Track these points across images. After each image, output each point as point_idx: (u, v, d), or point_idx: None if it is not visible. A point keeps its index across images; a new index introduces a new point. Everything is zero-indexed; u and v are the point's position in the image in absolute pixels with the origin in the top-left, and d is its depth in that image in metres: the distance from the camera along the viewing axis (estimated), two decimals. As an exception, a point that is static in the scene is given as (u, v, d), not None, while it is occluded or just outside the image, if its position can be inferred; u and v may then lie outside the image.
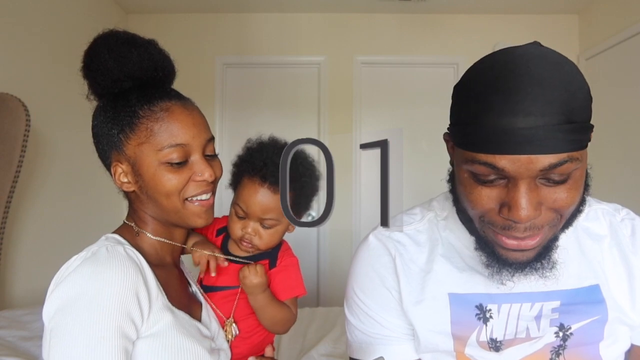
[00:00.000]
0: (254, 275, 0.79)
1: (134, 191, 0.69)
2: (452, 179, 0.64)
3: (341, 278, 3.00)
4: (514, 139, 0.49)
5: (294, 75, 3.05)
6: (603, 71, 2.71)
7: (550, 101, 0.49)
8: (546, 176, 0.51)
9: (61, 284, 0.58)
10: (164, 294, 0.65)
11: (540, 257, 0.58)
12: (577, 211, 0.59)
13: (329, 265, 2.97)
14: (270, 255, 0.87)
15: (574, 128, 0.50)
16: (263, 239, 0.83)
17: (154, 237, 0.70)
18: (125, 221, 0.72)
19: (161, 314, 0.62)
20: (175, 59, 0.74)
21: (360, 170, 3.01)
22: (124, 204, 0.75)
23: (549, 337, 0.62)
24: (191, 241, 0.83)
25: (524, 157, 0.50)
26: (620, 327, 0.63)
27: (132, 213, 0.72)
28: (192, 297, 0.77)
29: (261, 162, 0.81)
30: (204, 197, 0.70)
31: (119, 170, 0.67)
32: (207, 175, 0.68)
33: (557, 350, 0.62)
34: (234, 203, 0.84)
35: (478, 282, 0.64)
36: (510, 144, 0.50)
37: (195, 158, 0.68)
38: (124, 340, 0.57)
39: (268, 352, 0.89)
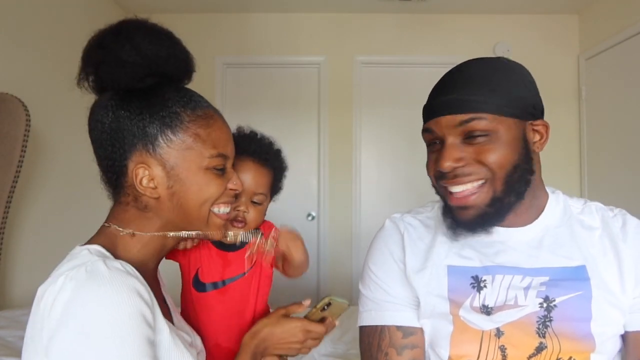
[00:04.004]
0: (298, 241, 0.83)
1: (155, 198, 0.62)
2: None
3: (341, 278, 3.00)
4: (436, 107, 0.70)
5: (294, 75, 3.05)
6: (603, 71, 2.72)
7: (467, 83, 0.68)
8: (466, 134, 0.67)
9: (70, 312, 0.50)
10: (157, 304, 0.61)
11: (483, 217, 0.69)
12: (520, 174, 0.68)
13: (329, 265, 2.97)
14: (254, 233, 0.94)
15: (483, 97, 0.66)
16: (253, 215, 0.88)
17: (159, 233, 0.65)
18: (116, 226, 0.64)
19: (161, 324, 0.60)
20: None
21: (360, 169, 3.01)
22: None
23: (534, 306, 0.69)
24: None
25: (443, 120, 0.68)
26: (609, 308, 0.68)
27: (132, 217, 0.64)
28: (165, 303, 0.74)
29: (246, 141, 0.87)
30: (226, 210, 0.70)
31: (143, 173, 0.61)
32: (240, 185, 0.70)
33: (544, 322, 0.68)
34: None
35: (474, 259, 0.74)
36: (435, 110, 0.70)
37: (229, 169, 0.69)
38: (150, 348, 0.55)
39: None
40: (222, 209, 0.69)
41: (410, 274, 0.75)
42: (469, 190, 0.68)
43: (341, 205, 2.98)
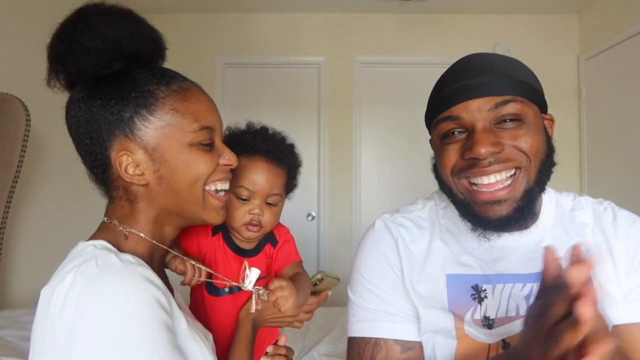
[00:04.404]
0: (290, 299, 0.77)
1: (144, 185, 0.60)
2: (436, 169, 0.74)
3: (341, 278, 3.00)
4: (463, 90, 0.63)
5: (294, 75, 3.05)
6: (603, 71, 2.71)
7: (492, 67, 0.64)
8: (498, 118, 0.62)
9: (84, 309, 0.49)
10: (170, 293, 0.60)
11: (518, 211, 0.63)
12: (549, 165, 0.66)
13: (329, 265, 2.97)
14: (270, 237, 0.90)
15: (513, 80, 0.63)
16: (269, 217, 0.83)
17: (149, 239, 0.63)
18: (114, 222, 0.62)
19: (178, 313, 0.58)
20: (175, 59, 0.71)
21: (360, 169, 3.01)
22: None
23: None
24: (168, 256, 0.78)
25: (473, 103, 0.62)
26: (609, 309, 0.65)
27: (127, 212, 0.62)
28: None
29: (258, 140, 0.82)
30: (225, 186, 0.67)
31: (127, 160, 0.59)
32: (234, 159, 0.66)
33: None
34: (235, 187, 0.81)
35: (474, 265, 0.69)
36: (461, 94, 0.63)
37: (218, 143, 0.65)
38: (169, 333, 0.54)
39: (282, 341, 0.91)
40: (220, 186, 0.66)
41: (409, 285, 0.70)
42: (500, 181, 0.62)
43: (341, 205, 2.98)
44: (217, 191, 0.66)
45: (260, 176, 0.81)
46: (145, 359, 0.49)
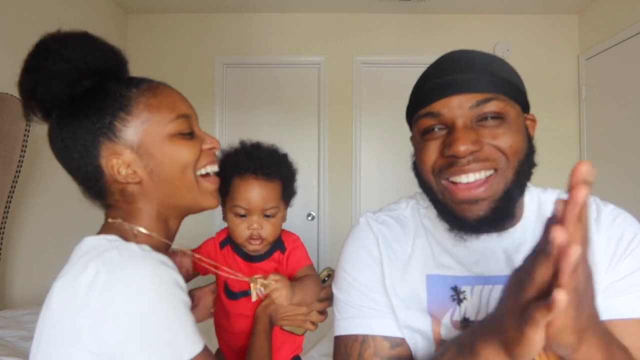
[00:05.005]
0: (282, 290, 0.82)
1: (138, 182, 0.63)
2: (416, 167, 0.73)
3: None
4: (445, 87, 0.62)
5: (294, 75, 3.05)
6: (603, 71, 2.71)
7: (475, 64, 0.63)
8: (479, 115, 0.61)
9: (112, 294, 0.51)
10: None
11: (496, 212, 0.61)
12: (528, 165, 0.64)
13: (329, 265, 2.97)
14: (278, 244, 0.94)
15: (496, 77, 0.61)
16: (268, 229, 0.88)
17: (155, 235, 0.65)
18: (119, 221, 0.64)
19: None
20: (175, 59, 0.73)
21: (360, 169, 3.01)
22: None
23: None
24: None
25: (455, 100, 0.61)
26: None
27: (129, 213, 0.65)
28: None
29: (246, 159, 0.86)
30: (214, 168, 0.70)
31: (117, 162, 0.62)
32: (216, 142, 0.70)
33: None
34: (232, 206, 0.87)
35: (453, 266, 0.67)
36: (442, 90, 0.62)
37: (198, 130, 0.69)
38: (190, 314, 0.57)
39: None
40: (209, 168, 0.70)
41: (388, 285, 0.68)
42: (479, 180, 0.60)
43: (341, 205, 2.98)
44: (207, 175, 0.70)
45: (252, 194, 0.85)
46: (173, 336, 0.53)
